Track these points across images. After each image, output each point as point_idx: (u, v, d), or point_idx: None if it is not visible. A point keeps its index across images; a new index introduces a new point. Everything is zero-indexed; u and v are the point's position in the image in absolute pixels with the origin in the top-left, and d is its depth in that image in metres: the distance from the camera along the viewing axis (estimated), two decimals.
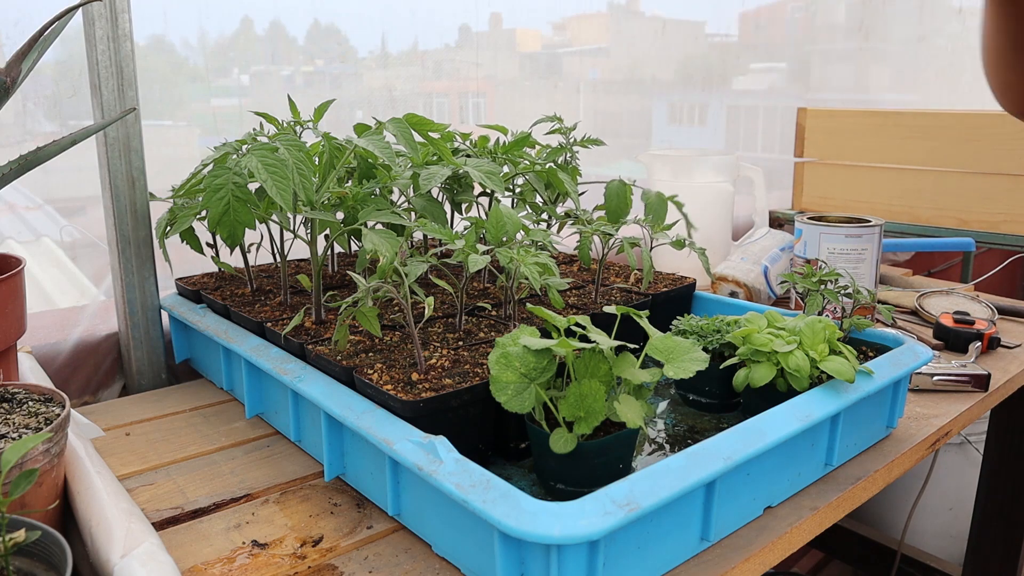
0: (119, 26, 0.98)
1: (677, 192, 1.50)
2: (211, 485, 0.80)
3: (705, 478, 0.62)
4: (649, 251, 1.03)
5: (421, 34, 1.46)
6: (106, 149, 1.01)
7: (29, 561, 0.51)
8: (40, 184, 1.13)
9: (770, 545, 0.69)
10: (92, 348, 1.07)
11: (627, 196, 1.13)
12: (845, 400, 0.77)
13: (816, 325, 0.82)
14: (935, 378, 1.05)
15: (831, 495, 0.77)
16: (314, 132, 0.99)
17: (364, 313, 0.81)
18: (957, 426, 0.98)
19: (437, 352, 0.82)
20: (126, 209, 1.03)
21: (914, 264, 2.10)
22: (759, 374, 0.81)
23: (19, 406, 0.68)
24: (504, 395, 0.67)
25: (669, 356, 0.74)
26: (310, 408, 0.82)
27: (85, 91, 1.01)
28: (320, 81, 1.40)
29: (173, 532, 0.71)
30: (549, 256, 0.87)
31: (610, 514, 0.55)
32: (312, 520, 0.73)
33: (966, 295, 1.40)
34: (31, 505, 0.61)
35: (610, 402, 0.67)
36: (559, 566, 0.55)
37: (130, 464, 0.84)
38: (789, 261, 1.42)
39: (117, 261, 1.05)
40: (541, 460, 0.70)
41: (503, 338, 0.71)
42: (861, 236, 1.28)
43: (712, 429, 0.85)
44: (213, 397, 1.02)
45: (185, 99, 1.25)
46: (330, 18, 1.36)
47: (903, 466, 0.87)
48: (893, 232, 1.86)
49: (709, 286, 1.41)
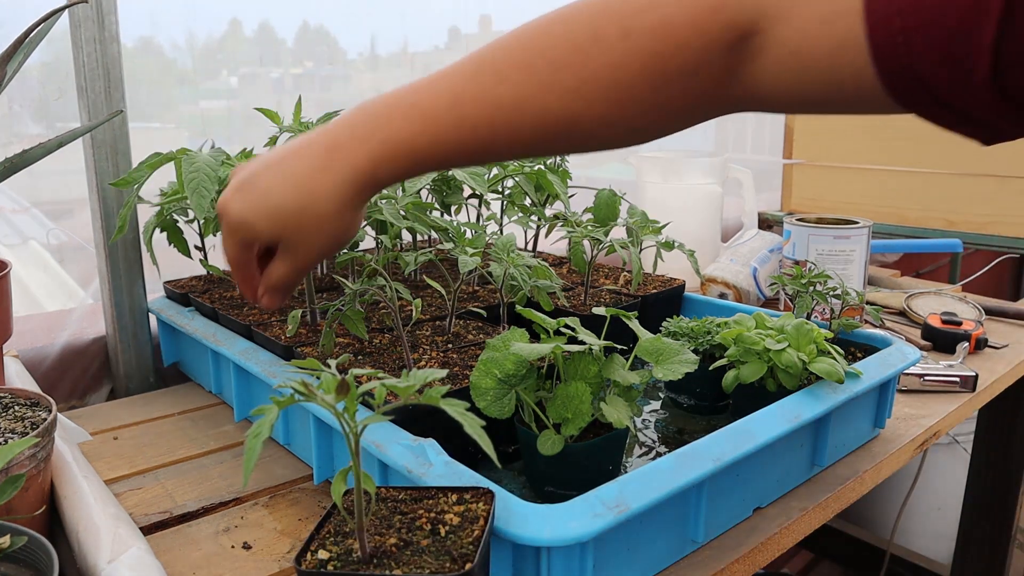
0: (106, 28, 0.97)
1: (666, 194, 1.51)
2: (200, 489, 0.79)
3: (694, 479, 0.62)
4: (638, 253, 1.04)
5: (411, 36, 1.46)
6: (93, 152, 1.00)
7: (15, 567, 0.51)
8: (27, 187, 1.13)
9: (760, 546, 0.70)
10: (79, 352, 1.06)
11: (616, 206, 1.14)
12: (834, 401, 0.77)
13: (803, 327, 0.82)
14: (923, 379, 1.05)
15: (820, 495, 0.78)
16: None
17: (350, 316, 0.81)
18: (945, 426, 0.98)
19: (426, 355, 0.82)
20: (113, 212, 1.02)
21: (902, 265, 2.11)
22: (749, 371, 0.81)
23: (5, 411, 0.67)
24: (483, 400, 0.67)
25: (658, 358, 0.74)
26: (299, 412, 0.82)
27: (72, 93, 1.00)
28: (309, 83, 1.39)
29: (161, 536, 0.71)
30: (541, 260, 0.87)
31: (600, 516, 0.55)
32: (302, 523, 0.73)
33: (954, 296, 1.41)
34: (17, 510, 0.60)
35: (598, 404, 0.67)
36: (549, 568, 0.55)
37: (118, 468, 0.84)
38: (778, 263, 1.43)
39: (104, 264, 1.04)
40: (531, 463, 0.70)
41: (493, 340, 0.71)
42: (849, 237, 1.29)
43: (702, 430, 0.85)
44: (201, 400, 1.02)
45: (173, 101, 1.24)
46: (319, 20, 1.36)
47: (892, 466, 0.88)
48: (881, 233, 1.87)
49: (699, 288, 1.41)
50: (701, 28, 0.52)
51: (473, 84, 0.56)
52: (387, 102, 0.57)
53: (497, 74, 0.55)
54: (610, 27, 0.53)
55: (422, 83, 0.57)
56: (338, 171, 0.57)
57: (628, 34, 0.53)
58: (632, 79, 0.54)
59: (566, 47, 0.54)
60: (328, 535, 0.52)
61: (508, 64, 0.55)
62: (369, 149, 0.57)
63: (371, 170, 0.57)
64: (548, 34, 0.55)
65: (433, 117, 0.55)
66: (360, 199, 0.59)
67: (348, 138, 0.57)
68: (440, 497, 0.55)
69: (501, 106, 0.55)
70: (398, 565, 0.48)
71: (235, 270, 0.66)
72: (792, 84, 0.53)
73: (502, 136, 0.56)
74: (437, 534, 0.51)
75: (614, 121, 0.56)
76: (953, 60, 0.46)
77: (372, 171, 0.57)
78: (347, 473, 0.49)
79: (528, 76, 0.55)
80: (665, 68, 0.54)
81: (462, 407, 0.47)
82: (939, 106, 0.49)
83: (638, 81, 0.54)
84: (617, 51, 0.53)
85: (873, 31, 0.47)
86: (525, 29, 0.56)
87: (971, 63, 0.45)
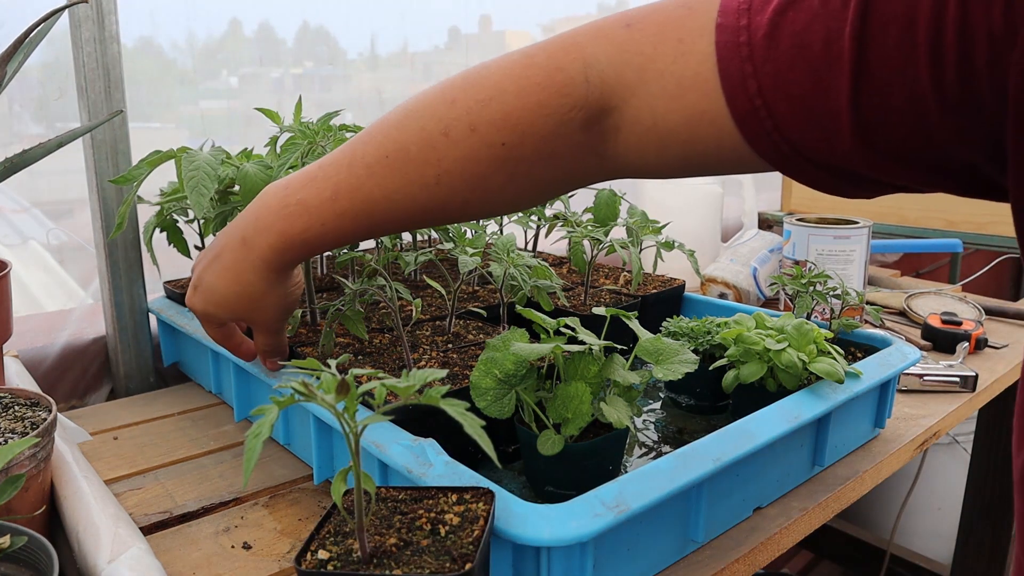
0: (106, 28, 0.97)
1: (666, 194, 1.51)
2: (200, 489, 0.79)
3: (695, 479, 0.62)
4: (638, 253, 1.04)
5: (411, 36, 1.46)
6: (93, 152, 1.00)
7: (15, 567, 0.51)
8: (27, 187, 1.13)
9: (760, 546, 0.70)
10: (79, 352, 1.06)
11: (616, 206, 1.14)
12: (834, 401, 0.77)
13: (803, 327, 0.82)
14: (923, 379, 1.05)
15: (820, 496, 0.78)
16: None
17: (350, 316, 0.81)
18: (945, 426, 0.98)
19: (426, 355, 0.82)
20: (113, 212, 1.02)
21: (902, 265, 2.12)
22: (749, 371, 0.81)
23: (5, 411, 0.67)
24: (483, 400, 0.67)
25: (658, 358, 0.74)
26: (299, 411, 0.82)
27: (72, 93, 1.00)
28: (309, 83, 1.39)
29: (161, 536, 0.71)
30: (541, 260, 0.87)
31: (600, 516, 0.55)
32: (302, 523, 0.73)
33: (954, 296, 1.41)
34: (17, 510, 0.60)
35: (598, 404, 0.67)
36: (549, 568, 0.55)
37: (118, 468, 0.84)
38: (778, 263, 1.43)
39: (104, 264, 1.04)
40: (531, 462, 0.71)
41: (493, 340, 0.71)
42: (849, 237, 1.29)
43: (702, 430, 0.85)
44: (201, 400, 1.02)
45: (173, 101, 1.24)
46: (319, 20, 1.36)
47: (892, 466, 0.88)
48: (881, 233, 1.87)
49: (699, 288, 1.41)
50: (546, 112, 0.53)
51: (348, 177, 0.60)
52: (282, 197, 0.62)
53: (367, 168, 0.59)
54: (458, 123, 0.55)
55: (313, 172, 0.62)
56: (252, 260, 0.65)
57: (474, 129, 0.55)
58: (487, 170, 0.56)
59: (421, 143, 0.56)
60: (328, 535, 0.52)
61: (375, 159, 0.59)
62: (269, 242, 0.63)
63: (277, 257, 0.64)
64: (405, 128, 0.57)
65: (318, 212, 0.61)
66: (280, 276, 0.67)
67: (253, 232, 0.64)
68: (440, 497, 0.55)
69: (373, 199, 0.59)
70: (398, 565, 0.48)
71: (223, 345, 0.77)
72: (659, 154, 0.53)
73: (380, 223, 0.61)
74: (437, 534, 0.51)
75: (480, 204, 0.59)
76: (816, 119, 0.45)
77: (278, 258, 0.64)
78: (347, 473, 0.49)
79: (392, 171, 0.58)
80: (518, 156, 0.55)
81: (462, 407, 0.47)
82: (811, 165, 0.48)
83: (492, 171, 0.56)
84: (466, 146, 0.55)
85: (731, 95, 0.47)
86: (388, 119, 0.59)
87: (835, 122, 0.44)
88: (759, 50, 0.45)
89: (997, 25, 0.37)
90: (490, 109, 0.54)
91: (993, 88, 0.39)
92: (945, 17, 0.39)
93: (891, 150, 0.44)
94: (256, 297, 0.68)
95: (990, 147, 0.42)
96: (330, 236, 0.62)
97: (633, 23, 0.51)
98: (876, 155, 0.45)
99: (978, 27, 0.38)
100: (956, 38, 0.39)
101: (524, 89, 0.54)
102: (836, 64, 0.43)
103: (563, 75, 0.53)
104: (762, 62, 0.45)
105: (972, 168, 0.44)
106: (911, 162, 0.45)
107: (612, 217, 1.13)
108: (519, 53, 0.55)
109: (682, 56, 0.49)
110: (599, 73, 0.52)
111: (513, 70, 0.54)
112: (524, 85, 0.54)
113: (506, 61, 0.55)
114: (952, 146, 0.43)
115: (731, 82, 0.47)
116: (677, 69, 0.49)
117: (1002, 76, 0.38)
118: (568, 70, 0.53)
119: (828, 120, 0.44)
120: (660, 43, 0.50)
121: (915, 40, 0.40)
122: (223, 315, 0.71)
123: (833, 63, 0.43)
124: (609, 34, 0.52)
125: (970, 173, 0.45)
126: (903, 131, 0.43)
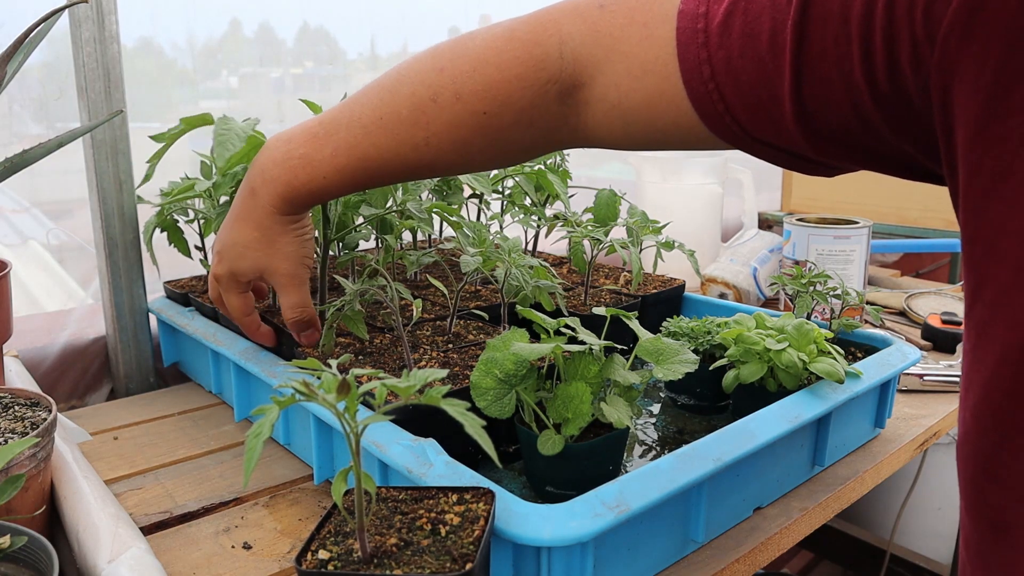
0: (106, 28, 0.97)
1: (666, 194, 1.51)
2: (200, 489, 0.79)
3: (695, 479, 0.62)
4: (638, 253, 1.04)
5: (411, 36, 1.46)
6: (93, 152, 1.00)
7: (15, 567, 0.51)
8: (27, 187, 1.13)
9: (760, 546, 0.70)
10: (79, 352, 1.06)
11: (616, 206, 1.14)
12: (834, 401, 0.77)
13: (803, 327, 0.82)
14: (923, 378, 1.05)
15: (820, 496, 0.78)
16: None
17: (350, 317, 0.81)
18: (945, 426, 0.98)
19: (427, 355, 0.82)
20: (113, 212, 1.02)
21: (902, 265, 2.11)
22: (749, 371, 0.81)
23: (5, 411, 0.67)
24: (484, 400, 0.68)
25: (658, 358, 0.74)
26: (299, 411, 0.82)
27: (72, 93, 1.00)
28: (309, 83, 1.39)
29: (161, 536, 0.71)
30: (541, 261, 0.87)
31: (600, 516, 0.55)
32: (302, 523, 0.73)
33: (954, 296, 1.41)
34: (17, 510, 0.60)
35: (598, 404, 0.67)
36: (550, 568, 0.55)
37: (118, 468, 0.84)
38: (778, 263, 1.43)
39: (104, 264, 1.04)
40: (531, 462, 0.70)
41: (494, 340, 0.71)
42: (849, 237, 1.29)
43: (702, 430, 0.85)
44: (201, 400, 1.02)
45: (173, 101, 1.24)
46: (319, 20, 1.36)
47: (892, 466, 0.88)
48: (881, 233, 1.87)
49: (699, 288, 1.41)
50: (524, 84, 0.58)
51: (347, 136, 0.65)
52: (285, 151, 0.68)
53: (363, 128, 0.64)
54: (445, 90, 0.60)
55: (315, 129, 0.67)
56: (264, 206, 0.70)
57: (459, 97, 0.60)
58: (470, 135, 0.61)
59: (411, 107, 0.62)
60: (328, 535, 0.52)
61: (370, 119, 0.64)
62: (277, 191, 0.68)
63: (285, 204, 0.69)
64: (397, 93, 0.63)
65: (319, 167, 0.66)
66: (291, 219, 0.72)
67: (260, 183, 0.69)
68: (440, 497, 0.55)
69: (368, 157, 0.65)
70: (398, 565, 0.48)
71: (243, 320, 0.79)
72: (624, 129, 0.58)
73: (375, 177, 0.67)
74: (437, 534, 0.51)
75: (464, 164, 0.65)
76: (762, 105, 0.48)
77: (286, 205, 0.69)
78: (347, 473, 0.49)
79: (385, 132, 0.63)
80: (498, 124, 0.60)
81: (462, 407, 0.47)
82: (763, 146, 0.51)
83: (475, 136, 0.61)
84: (452, 112, 0.61)
85: (687, 79, 0.51)
86: (383, 83, 0.64)
87: (779, 108, 0.47)
88: (714, 37, 0.48)
89: (919, 27, 0.39)
90: (474, 80, 0.59)
91: (918, 86, 0.40)
92: (874, 16, 0.41)
93: (832, 137, 0.47)
94: (272, 239, 0.72)
95: (923, 137, 0.43)
96: (331, 187, 0.67)
97: (607, 4, 0.55)
98: (819, 140, 0.48)
99: (902, 28, 0.39)
100: (882, 36, 0.40)
101: (505, 62, 0.58)
102: (779, 55, 0.45)
103: (540, 50, 0.57)
104: (716, 49, 0.48)
105: (910, 156, 0.46)
106: (852, 148, 0.47)
107: (612, 217, 1.13)
108: (502, 26, 0.60)
109: (646, 40, 0.52)
110: (572, 50, 0.56)
111: (496, 43, 0.59)
112: (505, 59, 0.58)
113: (490, 33, 0.60)
114: (888, 135, 0.45)
115: (688, 66, 0.50)
116: (641, 52, 0.53)
117: (925, 76, 0.40)
118: (545, 45, 0.57)
119: (772, 106, 0.47)
120: (628, 26, 0.53)
121: (849, 35, 0.42)
122: (246, 268, 0.73)
123: (777, 53, 0.45)
124: (584, 13, 0.56)
125: (909, 160, 0.47)
126: (840, 120, 0.45)
